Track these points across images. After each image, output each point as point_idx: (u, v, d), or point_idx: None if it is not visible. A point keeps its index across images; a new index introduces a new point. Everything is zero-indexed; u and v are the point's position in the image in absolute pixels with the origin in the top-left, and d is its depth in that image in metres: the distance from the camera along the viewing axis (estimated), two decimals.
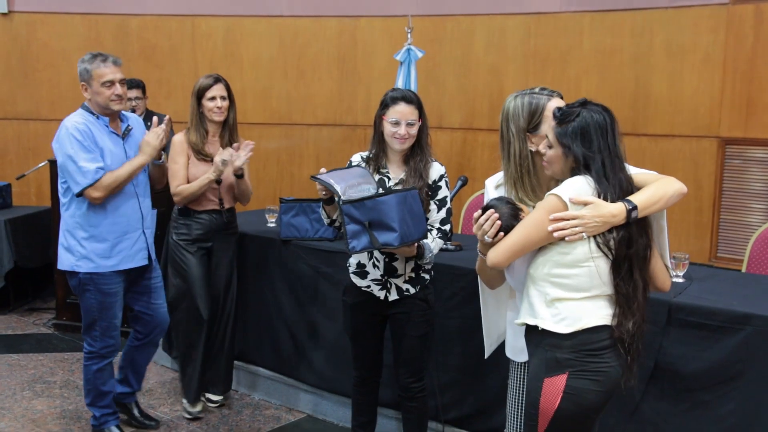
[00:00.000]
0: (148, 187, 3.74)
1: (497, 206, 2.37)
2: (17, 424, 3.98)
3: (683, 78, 5.15)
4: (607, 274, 2.27)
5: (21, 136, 6.50)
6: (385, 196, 2.87)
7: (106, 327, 3.63)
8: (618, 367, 2.29)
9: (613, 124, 2.31)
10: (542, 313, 2.31)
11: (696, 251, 4.99)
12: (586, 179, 2.27)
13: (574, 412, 2.26)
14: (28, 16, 6.37)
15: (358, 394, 3.43)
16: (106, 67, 3.50)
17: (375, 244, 2.89)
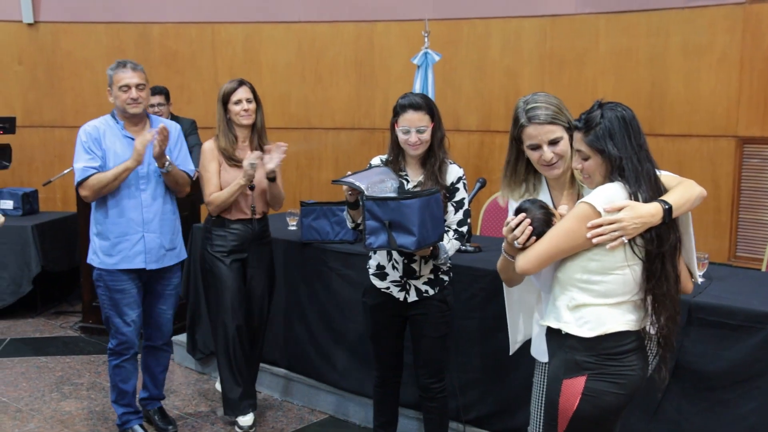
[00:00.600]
0: (160, 193, 3.74)
1: (530, 209, 2.35)
2: (46, 425, 4.07)
3: (700, 78, 5.16)
4: (639, 279, 2.26)
5: (47, 144, 6.62)
6: (410, 199, 2.89)
7: (117, 324, 3.73)
8: (640, 370, 2.30)
9: (634, 117, 2.30)
10: (566, 317, 2.31)
11: (715, 251, 5.00)
12: (619, 185, 2.25)
13: (592, 414, 2.27)
14: (53, 26, 6.48)
15: (379, 394, 3.48)
16: (124, 72, 3.64)
17: (392, 245, 2.93)
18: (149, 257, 3.71)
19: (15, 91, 6.58)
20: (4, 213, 5.92)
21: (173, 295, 3.89)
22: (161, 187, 3.75)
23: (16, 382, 4.65)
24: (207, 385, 4.65)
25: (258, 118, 3.89)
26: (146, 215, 3.69)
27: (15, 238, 5.68)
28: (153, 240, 3.71)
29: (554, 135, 2.47)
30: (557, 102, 2.53)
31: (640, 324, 2.30)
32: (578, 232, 2.24)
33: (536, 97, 2.53)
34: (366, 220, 2.93)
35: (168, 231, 3.78)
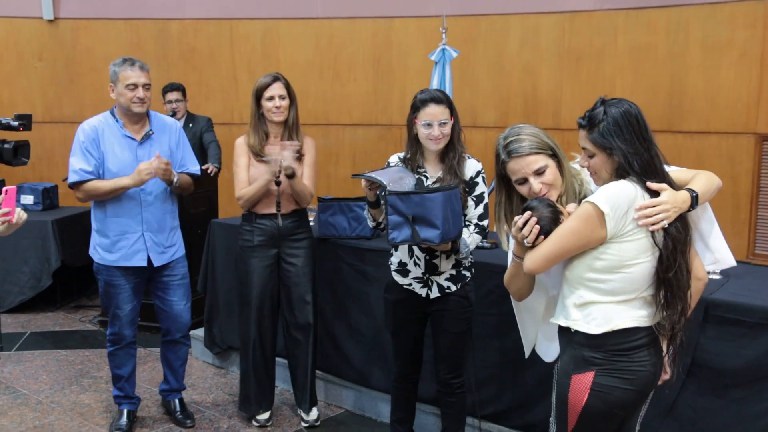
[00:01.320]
0: (160, 192, 3.73)
1: (537, 208, 2.34)
2: (66, 417, 4.12)
3: (719, 74, 5.12)
4: (648, 275, 2.26)
5: (67, 139, 6.57)
6: (432, 193, 2.90)
7: (112, 315, 3.81)
8: (651, 366, 2.30)
9: (640, 112, 2.28)
10: (574, 315, 2.32)
11: (733, 248, 4.86)
12: (625, 182, 2.24)
13: (601, 409, 2.28)
14: (73, 23, 6.54)
15: (397, 390, 3.49)
16: (132, 70, 3.63)
17: (416, 239, 2.92)
18: (151, 255, 3.74)
19: (35, 87, 6.65)
20: (25, 208, 6.00)
21: (183, 285, 3.89)
22: (160, 187, 3.74)
23: (36, 375, 4.71)
24: (224, 378, 4.69)
25: (291, 115, 3.82)
26: (146, 215, 3.71)
27: (35, 233, 5.74)
28: (152, 238, 3.73)
29: (537, 165, 2.45)
30: (535, 131, 2.51)
31: (652, 320, 2.29)
32: (583, 232, 2.24)
33: (513, 131, 2.52)
34: (389, 215, 2.93)
35: (167, 229, 3.80)
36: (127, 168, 3.64)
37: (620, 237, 2.23)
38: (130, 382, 3.94)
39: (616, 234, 2.22)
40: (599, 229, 2.22)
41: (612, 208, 2.20)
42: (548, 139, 2.50)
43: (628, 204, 2.21)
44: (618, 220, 2.21)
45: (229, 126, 6.40)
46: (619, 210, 2.20)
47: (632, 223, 2.22)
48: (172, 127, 3.85)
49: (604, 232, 2.22)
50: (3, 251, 5.68)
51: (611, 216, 2.20)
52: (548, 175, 2.46)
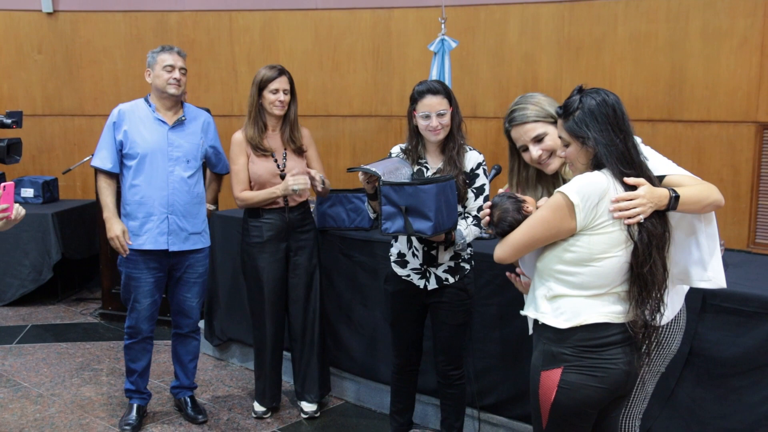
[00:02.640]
0: (188, 177, 3.78)
1: (500, 203, 2.38)
2: (67, 410, 4.13)
3: (720, 62, 5.09)
4: (619, 270, 2.22)
5: (66, 132, 6.68)
6: (426, 184, 2.90)
7: (131, 308, 3.84)
8: (624, 364, 2.25)
9: (618, 102, 2.24)
10: (543, 308, 2.30)
11: (734, 237, 4.95)
12: (599, 173, 2.21)
13: (569, 406, 2.25)
14: (72, 15, 6.53)
15: (397, 381, 3.49)
16: (170, 53, 3.76)
17: (408, 230, 2.94)
18: (171, 239, 3.76)
19: (35, 80, 6.64)
20: (25, 201, 6.01)
21: (198, 283, 3.92)
22: (190, 172, 3.80)
23: (37, 368, 4.72)
24: (225, 371, 4.70)
25: (291, 110, 3.85)
26: (171, 198, 3.74)
27: (36, 226, 5.76)
28: (176, 222, 3.76)
29: (535, 132, 2.50)
30: (540, 99, 2.55)
31: (626, 316, 2.24)
32: (552, 222, 2.22)
33: (520, 99, 2.58)
34: (382, 205, 2.95)
35: (193, 215, 3.82)
36: (154, 148, 3.71)
37: (591, 229, 2.20)
38: (144, 377, 3.96)
39: (586, 226, 2.20)
40: (569, 220, 2.20)
41: (582, 199, 2.17)
42: (550, 107, 2.52)
43: (599, 196, 2.18)
44: (588, 211, 2.18)
45: (229, 118, 6.38)
46: (589, 201, 2.17)
47: (603, 215, 2.19)
48: (205, 118, 3.93)
49: (574, 223, 2.20)
50: (4, 245, 5.69)
51: (581, 207, 2.17)
52: (548, 142, 2.50)
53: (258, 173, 3.82)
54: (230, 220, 4.53)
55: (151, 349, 3.97)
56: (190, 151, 3.80)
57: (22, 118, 5.21)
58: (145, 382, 3.99)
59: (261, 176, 3.82)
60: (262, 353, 4.00)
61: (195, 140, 3.82)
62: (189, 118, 3.83)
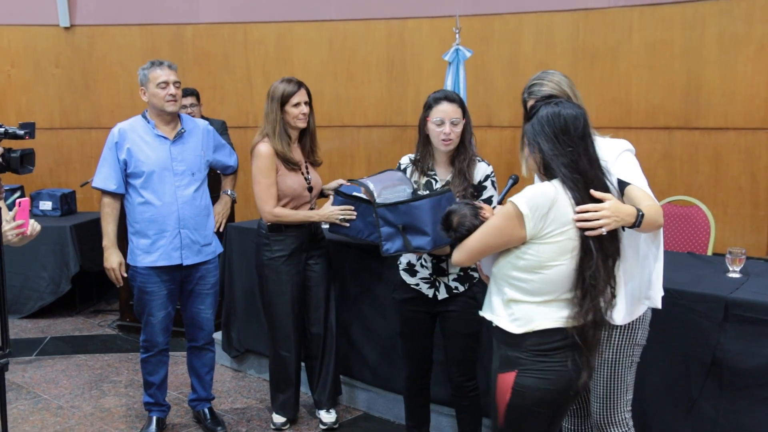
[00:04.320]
0: (195, 190, 3.78)
1: (458, 209, 2.50)
2: (86, 422, 4.14)
3: (737, 69, 5.07)
4: (567, 277, 2.29)
5: (84, 145, 6.73)
6: (418, 200, 2.91)
7: (145, 322, 3.83)
8: (573, 365, 2.33)
9: (577, 118, 2.29)
10: (499, 311, 2.40)
11: (752, 245, 4.92)
12: (549, 184, 2.28)
13: (523, 408, 2.34)
14: (89, 29, 6.59)
15: (409, 393, 3.48)
16: (161, 69, 3.71)
17: (408, 248, 2.97)
18: (185, 253, 3.76)
19: (52, 94, 6.71)
20: (44, 214, 6.05)
21: (211, 294, 3.92)
22: (196, 185, 3.80)
23: (56, 380, 4.74)
24: (243, 382, 4.70)
25: (311, 122, 3.86)
26: (182, 212, 3.74)
27: (54, 239, 5.80)
28: (188, 236, 3.76)
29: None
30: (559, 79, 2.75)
31: (573, 321, 2.31)
32: (504, 230, 2.31)
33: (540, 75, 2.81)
34: (380, 227, 3.00)
35: (203, 227, 3.83)
36: (158, 164, 3.69)
37: (540, 238, 2.27)
38: (162, 390, 3.96)
39: (535, 235, 2.27)
40: (519, 229, 2.27)
41: (531, 209, 2.25)
42: (568, 88, 2.67)
43: (548, 206, 2.25)
44: (537, 221, 2.25)
45: (245, 129, 6.41)
46: (538, 211, 2.25)
47: (552, 225, 2.26)
48: (203, 128, 3.93)
49: (524, 232, 2.27)
50: (22, 257, 5.73)
51: (530, 217, 2.25)
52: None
53: (293, 187, 3.77)
54: (247, 231, 4.54)
55: (168, 361, 3.98)
56: (194, 164, 3.79)
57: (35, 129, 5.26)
58: (164, 395, 3.99)
59: (295, 190, 3.79)
60: (286, 364, 3.97)
61: (197, 152, 3.82)
62: (188, 130, 3.81)
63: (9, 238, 2.76)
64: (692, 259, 3.58)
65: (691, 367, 2.93)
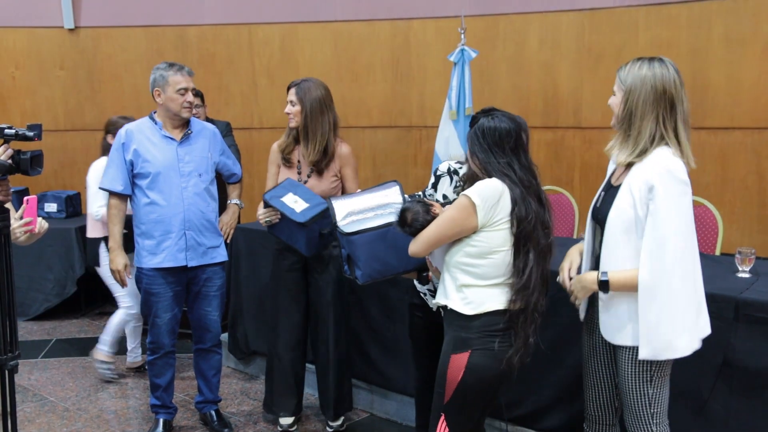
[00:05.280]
0: (201, 192, 3.76)
1: (411, 206, 2.73)
2: (93, 424, 4.14)
3: (743, 69, 5.05)
4: (510, 263, 2.58)
5: (89, 147, 6.70)
6: (355, 234, 2.92)
7: (151, 323, 3.83)
8: (515, 345, 2.63)
9: (511, 130, 2.58)
10: (452, 296, 2.65)
11: (760, 245, 4.89)
12: (496, 180, 2.56)
13: (473, 385, 2.63)
14: (93, 31, 6.59)
15: (419, 395, 3.47)
16: (182, 75, 3.71)
17: (351, 275, 3.05)
18: (190, 255, 3.75)
19: (57, 96, 6.71)
20: (49, 216, 6.05)
21: (218, 296, 3.91)
22: (202, 186, 3.79)
23: (62, 382, 4.74)
24: (249, 384, 4.70)
25: (308, 124, 3.70)
26: (188, 214, 3.73)
27: (59, 241, 5.80)
28: (194, 238, 3.75)
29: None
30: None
31: (514, 304, 2.60)
32: (458, 220, 2.58)
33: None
34: (342, 248, 3.06)
35: (209, 229, 3.82)
36: (166, 165, 3.69)
37: (489, 226, 2.56)
38: (168, 392, 3.95)
39: (485, 223, 2.55)
40: (472, 217, 2.55)
41: (482, 200, 2.53)
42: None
43: (497, 198, 2.54)
44: (487, 211, 2.53)
45: (249, 131, 6.42)
46: (488, 202, 2.53)
47: (500, 214, 2.54)
48: (211, 130, 3.92)
49: (476, 221, 2.55)
50: (28, 259, 5.73)
51: (481, 207, 2.53)
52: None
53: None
54: (254, 233, 4.54)
55: (174, 363, 3.97)
56: (201, 165, 3.78)
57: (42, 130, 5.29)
58: (170, 397, 3.99)
59: None
60: (283, 366, 3.97)
61: (204, 153, 3.81)
62: (195, 132, 3.80)
63: (17, 236, 2.77)
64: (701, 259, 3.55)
65: (701, 368, 2.91)
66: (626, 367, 2.57)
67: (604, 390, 2.74)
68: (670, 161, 2.43)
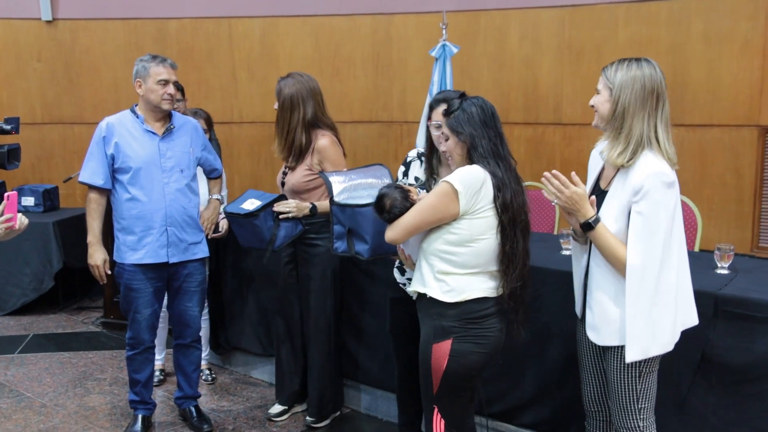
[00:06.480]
0: (183, 187, 3.74)
1: (389, 192, 2.71)
2: (71, 420, 4.10)
3: (721, 66, 5.09)
4: (492, 250, 2.59)
5: (66, 140, 6.66)
6: (363, 207, 2.91)
7: (131, 319, 3.79)
8: (499, 331, 2.68)
9: (492, 110, 2.66)
10: (431, 284, 2.65)
11: (737, 241, 4.95)
12: (477, 167, 2.57)
13: (459, 372, 2.64)
14: (72, 23, 6.51)
15: (400, 391, 3.49)
16: (164, 66, 3.68)
17: (350, 251, 3.01)
18: (171, 251, 3.72)
19: (34, 88, 6.62)
20: (26, 210, 5.98)
21: (198, 292, 3.89)
22: (184, 182, 3.76)
23: (40, 378, 4.69)
24: (228, 379, 4.68)
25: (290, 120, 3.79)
26: (169, 209, 3.69)
27: (36, 235, 5.73)
28: (175, 234, 3.72)
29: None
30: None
31: (497, 291, 2.64)
32: (439, 207, 2.57)
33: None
34: (333, 225, 3.02)
35: (190, 225, 3.79)
36: (151, 161, 3.65)
37: (471, 214, 2.56)
38: (147, 388, 3.92)
39: (467, 210, 2.55)
40: (453, 204, 2.54)
41: (465, 187, 2.53)
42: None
43: (480, 184, 2.54)
44: (470, 198, 2.54)
45: (230, 125, 6.37)
46: (471, 189, 2.53)
47: (482, 202, 2.55)
48: (192, 124, 3.89)
49: (458, 208, 2.55)
50: (5, 253, 5.66)
51: (464, 194, 2.53)
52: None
53: (278, 179, 3.93)
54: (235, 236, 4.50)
55: (154, 358, 3.95)
56: (183, 160, 3.75)
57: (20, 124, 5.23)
58: (150, 392, 3.96)
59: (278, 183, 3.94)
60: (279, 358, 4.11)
61: (185, 149, 3.78)
62: (177, 126, 3.77)
63: None
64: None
65: (680, 364, 2.94)
66: (614, 364, 2.58)
67: (598, 386, 2.76)
68: (656, 164, 2.46)
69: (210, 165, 4.02)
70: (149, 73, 3.65)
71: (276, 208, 3.61)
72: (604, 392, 2.74)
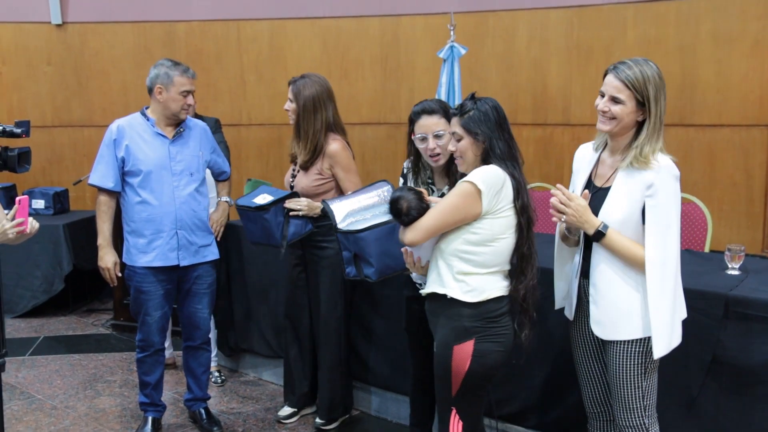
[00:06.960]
0: (193, 190, 3.75)
1: (403, 196, 2.68)
2: (81, 422, 4.11)
3: (731, 66, 5.07)
4: (509, 249, 2.62)
5: (76, 143, 6.68)
6: (363, 231, 2.92)
7: (141, 321, 3.80)
8: (511, 329, 2.69)
9: (502, 111, 2.66)
10: (450, 285, 2.63)
11: (748, 241, 4.92)
12: (494, 166, 2.57)
13: (481, 372, 2.64)
14: (81, 27, 6.54)
15: (414, 391, 3.48)
16: (187, 77, 3.70)
17: (360, 275, 3.03)
18: (182, 254, 3.73)
19: (44, 92, 6.65)
20: (36, 212, 6.01)
21: (208, 293, 3.89)
22: (195, 185, 3.77)
23: (50, 380, 4.71)
24: (238, 381, 4.68)
25: (301, 121, 3.78)
26: (179, 213, 3.70)
27: (47, 238, 5.75)
28: (185, 237, 3.73)
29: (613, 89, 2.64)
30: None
31: (509, 290, 2.66)
32: (461, 207, 2.56)
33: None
34: (342, 251, 3.05)
35: (200, 228, 3.80)
36: (161, 165, 3.66)
37: (493, 213, 2.56)
38: (158, 390, 3.93)
39: (489, 210, 2.55)
40: (476, 204, 2.54)
41: (487, 186, 2.52)
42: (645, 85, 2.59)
43: (501, 184, 2.55)
44: (491, 198, 2.53)
45: (238, 127, 6.38)
46: (493, 188, 2.53)
47: (503, 201, 2.56)
48: (201, 128, 3.90)
49: (480, 208, 2.54)
50: (15, 256, 5.68)
51: (486, 194, 2.52)
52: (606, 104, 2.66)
53: (287, 180, 3.93)
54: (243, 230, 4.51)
55: (164, 360, 3.97)
56: (192, 164, 3.76)
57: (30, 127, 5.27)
58: (159, 395, 3.96)
59: (286, 184, 3.93)
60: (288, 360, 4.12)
61: (195, 152, 3.79)
62: (186, 129, 3.78)
63: (9, 236, 2.76)
64: (690, 256, 3.58)
65: (691, 365, 2.93)
66: (619, 361, 2.58)
67: (599, 386, 2.75)
68: (664, 159, 2.55)
69: (219, 168, 4.03)
70: (173, 81, 3.65)
71: (287, 205, 3.62)
72: (605, 392, 2.74)
